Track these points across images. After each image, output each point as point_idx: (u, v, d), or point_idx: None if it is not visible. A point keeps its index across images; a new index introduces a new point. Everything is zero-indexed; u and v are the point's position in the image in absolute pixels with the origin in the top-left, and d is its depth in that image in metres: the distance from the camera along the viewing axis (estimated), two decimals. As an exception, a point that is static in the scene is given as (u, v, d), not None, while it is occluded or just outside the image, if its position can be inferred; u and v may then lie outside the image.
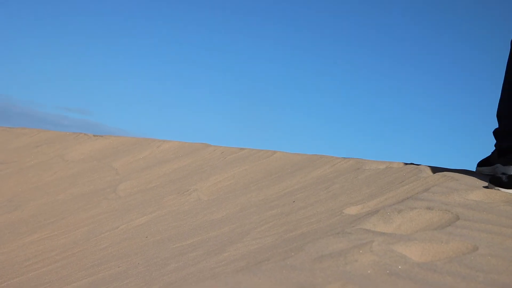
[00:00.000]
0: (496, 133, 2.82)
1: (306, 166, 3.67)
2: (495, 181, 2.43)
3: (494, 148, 2.86)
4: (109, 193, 4.37)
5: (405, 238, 1.68)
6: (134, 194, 4.22)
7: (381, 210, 2.06)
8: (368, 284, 1.32)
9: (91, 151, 5.95)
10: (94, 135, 6.38)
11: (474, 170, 3.00)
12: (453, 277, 1.37)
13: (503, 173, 2.63)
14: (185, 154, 5.01)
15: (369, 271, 1.41)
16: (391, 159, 3.27)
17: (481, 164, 2.97)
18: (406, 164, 3.13)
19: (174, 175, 4.47)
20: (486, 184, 2.45)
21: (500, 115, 2.74)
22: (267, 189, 3.35)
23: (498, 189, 2.38)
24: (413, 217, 1.98)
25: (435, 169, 2.98)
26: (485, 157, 2.97)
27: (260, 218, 2.74)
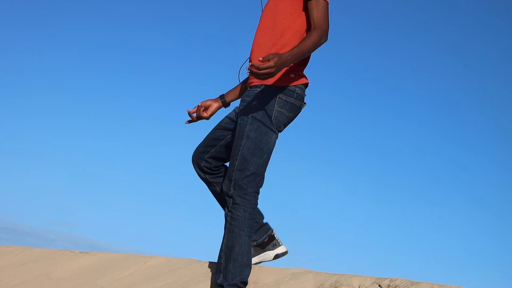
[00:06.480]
0: None
1: (290, 279, 3.49)
2: None
3: None
4: (91, 313, 4.16)
5: None
6: (116, 314, 4.01)
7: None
8: None
9: (77, 268, 5.75)
10: (80, 252, 6.20)
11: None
12: None
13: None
14: (170, 271, 4.83)
15: None
16: (376, 274, 3.10)
17: None
18: (393, 279, 2.95)
19: (158, 293, 4.28)
20: None
21: None
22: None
23: None
24: None
25: (423, 285, 2.80)
26: None
27: None
